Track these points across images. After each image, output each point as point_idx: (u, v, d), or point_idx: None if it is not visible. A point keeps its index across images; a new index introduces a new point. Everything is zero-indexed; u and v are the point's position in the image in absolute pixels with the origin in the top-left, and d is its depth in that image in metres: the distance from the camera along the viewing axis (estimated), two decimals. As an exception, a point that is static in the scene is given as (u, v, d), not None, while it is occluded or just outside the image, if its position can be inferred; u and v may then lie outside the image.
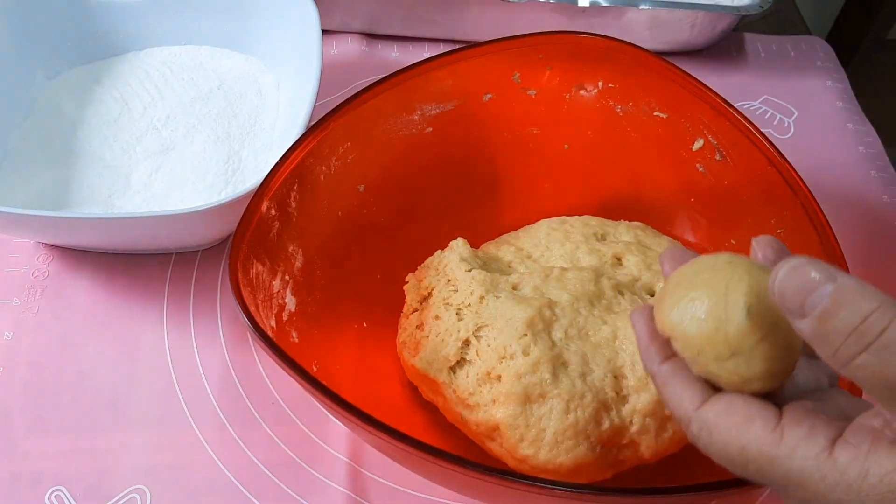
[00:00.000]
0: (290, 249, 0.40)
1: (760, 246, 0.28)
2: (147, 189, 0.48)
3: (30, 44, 0.52)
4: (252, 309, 0.34)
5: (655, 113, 0.46)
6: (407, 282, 0.43)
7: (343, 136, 0.41)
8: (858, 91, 0.62)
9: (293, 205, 0.39)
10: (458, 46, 0.45)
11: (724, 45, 0.62)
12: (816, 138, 0.57)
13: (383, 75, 0.42)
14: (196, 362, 0.45)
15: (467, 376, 0.38)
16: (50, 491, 0.40)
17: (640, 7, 0.56)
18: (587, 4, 0.57)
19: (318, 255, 0.41)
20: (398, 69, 0.43)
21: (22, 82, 0.52)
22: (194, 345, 0.45)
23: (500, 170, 0.48)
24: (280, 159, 0.39)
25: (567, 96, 0.47)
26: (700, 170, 0.45)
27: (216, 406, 0.43)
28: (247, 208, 0.37)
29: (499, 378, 0.37)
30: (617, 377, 0.37)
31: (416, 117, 0.45)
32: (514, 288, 0.40)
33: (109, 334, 0.45)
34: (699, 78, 0.44)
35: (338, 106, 0.41)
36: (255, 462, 0.41)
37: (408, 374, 0.41)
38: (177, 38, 0.55)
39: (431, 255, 0.43)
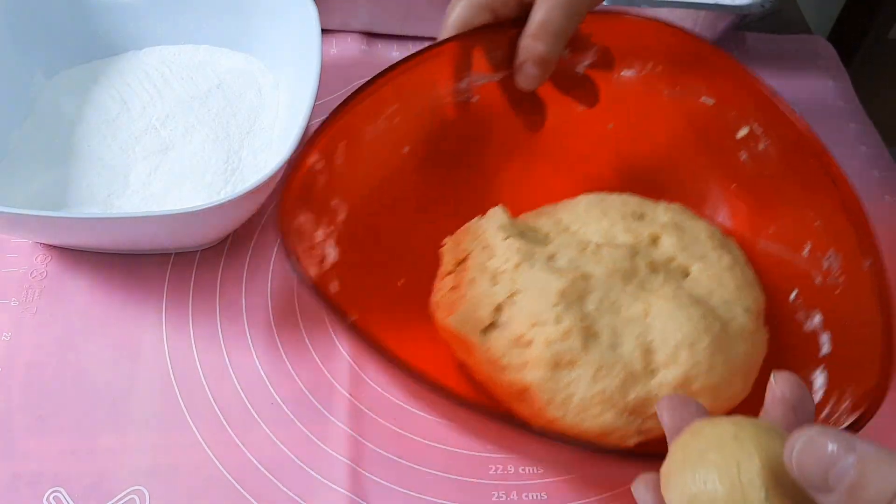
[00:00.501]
0: (333, 203, 0.41)
1: (779, 383, 0.28)
2: (146, 188, 0.48)
3: (29, 43, 0.52)
4: (294, 257, 0.37)
5: (702, 99, 0.47)
6: (444, 244, 0.45)
7: (392, 97, 0.43)
8: (860, 90, 0.62)
9: (340, 160, 0.41)
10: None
11: (725, 45, 0.62)
12: (818, 138, 0.57)
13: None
14: (195, 363, 0.44)
15: (499, 339, 0.40)
16: (49, 492, 0.40)
17: (641, 7, 0.56)
18: (587, 4, 0.57)
19: (360, 211, 0.43)
20: (449, 37, 0.43)
21: (21, 82, 0.51)
22: (193, 345, 0.45)
23: (542, 144, 0.49)
24: (330, 115, 0.41)
25: (615, 76, 0.47)
26: (743, 158, 0.46)
27: (215, 407, 0.43)
28: (297, 159, 0.39)
29: (529, 343, 0.39)
30: (646, 351, 0.39)
31: (463, 85, 0.45)
32: (550, 259, 0.42)
33: (108, 335, 0.45)
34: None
35: (390, 67, 0.42)
36: (254, 463, 0.41)
37: (441, 333, 0.42)
38: (176, 37, 0.55)
39: (469, 220, 0.45)
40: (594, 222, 0.44)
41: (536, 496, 0.41)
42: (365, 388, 0.44)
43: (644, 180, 0.49)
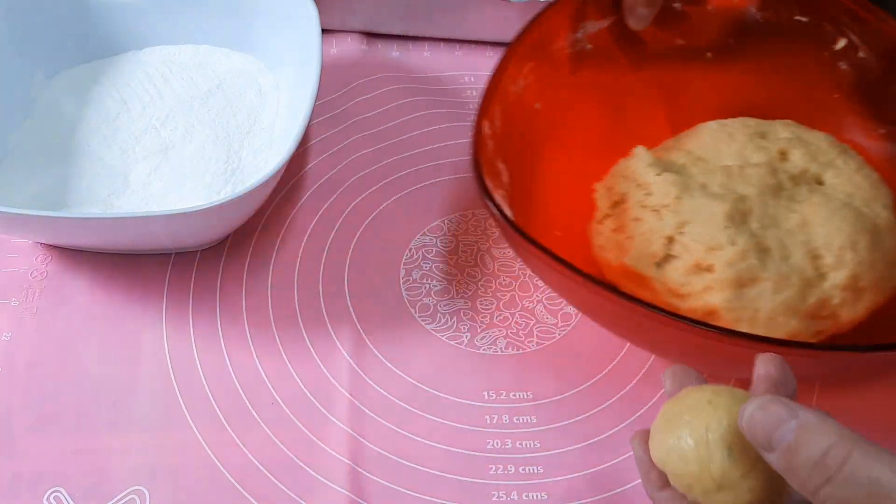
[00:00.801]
0: (498, 166, 0.43)
1: (764, 363, 0.31)
2: (146, 189, 0.48)
3: (29, 42, 0.52)
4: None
5: (795, 17, 0.50)
6: (595, 191, 0.48)
7: (527, 56, 0.46)
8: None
9: (497, 124, 0.44)
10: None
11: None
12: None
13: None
14: (195, 362, 0.44)
15: (676, 269, 0.42)
16: (49, 492, 0.40)
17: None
18: (588, 4, 0.57)
19: (516, 170, 0.45)
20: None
21: (22, 81, 0.51)
22: (193, 345, 0.45)
23: (650, 85, 0.52)
24: (490, 81, 0.44)
25: (709, 7, 0.51)
26: (843, 67, 0.50)
27: (215, 406, 0.43)
28: (474, 130, 0.42)
29: (709, 268, 0.41)
30: (814, 258, 0.41)
31: (579, 35, 0.48)
32: (704, 187, 0.44)
33: (108, 334, 0.45)
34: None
35: (525, 27, 0.46)
36: (254, 463, 0.41)
37: (607, 274, 0.45)
38: (177, 37, 0.55)
39: (603, 164, 0.48)
40: (724, 147, 0.46)
41: (536, 496, 0.41)
42: (365, 388, 0.44)
43: (750, 104, 0.51)
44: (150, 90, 0.53)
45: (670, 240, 0.42)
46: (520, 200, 0.44)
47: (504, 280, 0.49)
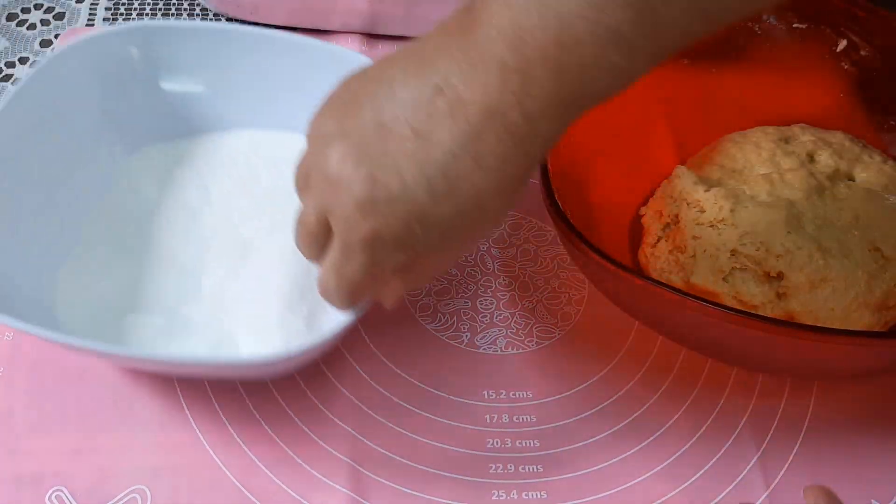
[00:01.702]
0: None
1: (811, 496, 0.33)
2: (218, 296, 0.44)
3: (111, 117, 0.48)
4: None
5: (794, 25, 0.51)
6: (643, 215, 0.48)
7: None
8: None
9: None
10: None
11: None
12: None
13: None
14: (196, 362, 0.44)
15: (745, 281, 0.42)
16: (51, 491, 0.40)
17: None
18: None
19: (566, 182, 0.45)
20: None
21: (101, 157, 0.47)
22: (195, 345, 0.45)
23: (650, 101, 0.51)
24: None
25: None
26: (846, 67, 0.51)
27: (216, 405, 0.43)
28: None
29: (779, 275, 0.42)
30: (873, 250, 0.43)
31: None
32: (753, 198, 0.45)
33: (110, 334, 0.45)
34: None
35: None
36: (255, 461, 0.41)
37: None
38: (267, 121, 0.50)
39: (639, 187, 0.49)
40: (754, 157, 0.47)
41: (536, 496, 0.41)
42: (365, 386, 0.44)
43: (759, 112, 0.52)
44: (234, 180, 0.48)
45: (734, 253, 0.43)
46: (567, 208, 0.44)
47: (504, 280, 0.49)
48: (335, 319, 0.38)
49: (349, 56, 0.47)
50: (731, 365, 0.45)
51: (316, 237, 0.33)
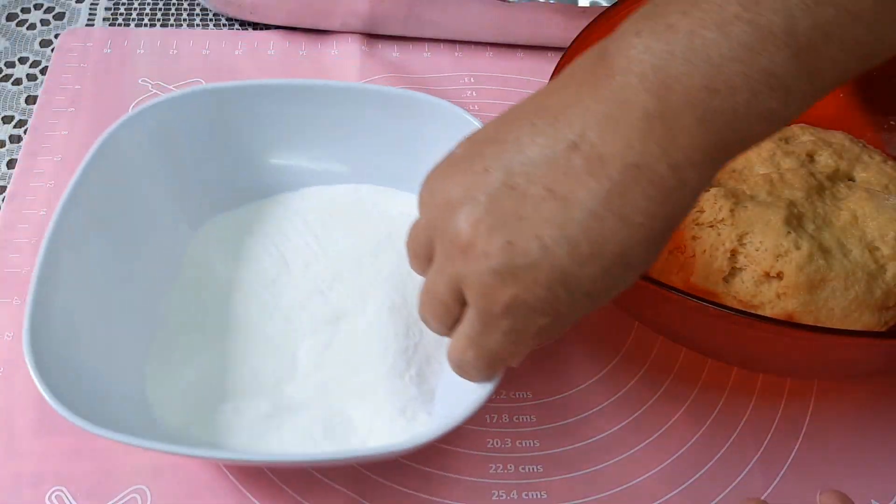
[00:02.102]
0: None
1: (826, 500, 0.33)
2: (319, 372, 0.41)
3: (175, 193, 0.45)
4: None
5: None
6: None
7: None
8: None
9: None
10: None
11: None
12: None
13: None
14: (196, 362, 0.44)
15: (745, 281, 0.42)
16: (50, 491, 0.40)
17: (641, 7, 0.57)
18: (587, 4, 0.57)
19: None
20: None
21: (168, 237, 0.44)
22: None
23: None
24: None
25: None
26: None
27: (216, 406, 0.43)
28: None
29: (779, 275, 0.42)
30: (872, 250, 0.43)
31: None
32: (752, 197, 0.44)
33: (110, 334, 0.45)
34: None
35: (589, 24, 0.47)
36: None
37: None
38: (334, 176, 0.47)
39: None
40: (754, 157, 0.47)
41: (536, 496, 0.41)
42: (365, 387, 0.44)
43: None
44: (310, 243, 0.45)
45: (734, 253, 0.43)
46: None
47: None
48: (450, 381, 0.38)
49: (411, 97, 0.45)
50: (731, 365, 0.45)
51: (448, 308, 0.31)
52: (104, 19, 0.64)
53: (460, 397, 0.37)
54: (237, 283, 0.44)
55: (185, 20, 0.64)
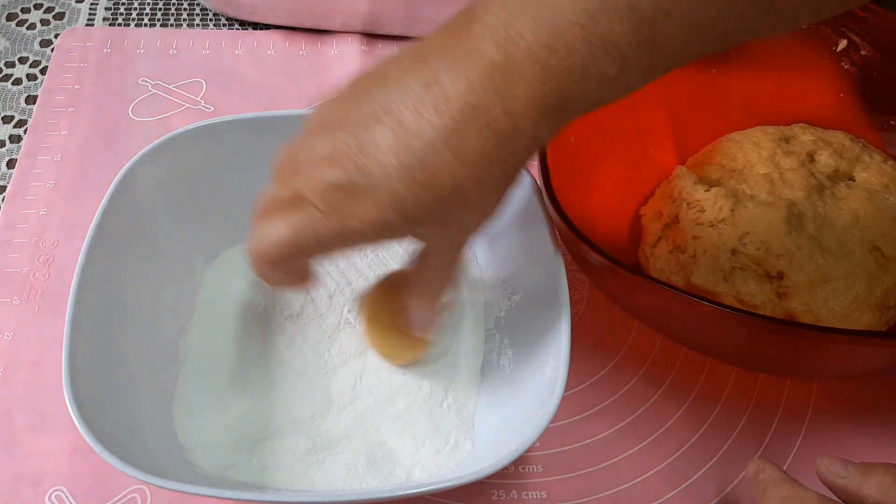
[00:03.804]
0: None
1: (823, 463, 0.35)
2: (354, 403, 0.40)
3: (188, 225, 0.44)
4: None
5: None
6: (643, 215, 0.48)
7: None
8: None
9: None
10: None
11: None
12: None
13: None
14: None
15: (745, 281, 0.43)
16: (50, 491, 0.40)
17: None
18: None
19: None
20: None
21: (185, 271, 0.43)
22: (194, 345, 0.45)
23: (653, 102, 0.51)
24: None
25: None
26: (846, 67, 0.51)
27: (216, 406, 0.43)
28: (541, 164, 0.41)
29: (780, 274, 0.42)
30: (873, 249, 0.43)
31: None
32: (753, 197, 0.45)
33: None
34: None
35: None
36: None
37: None
38: None
39: (639, 187, 0.49)
40: (754, 157, 0.47)
41: (536, 495, 0.41)
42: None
43: (760, 111, 0.52)
44: (331, 272, 0.44)
45: (734, 252, 0.43)
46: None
47: (504, 280, 0.49)
48: (486, 408, 0.39)
49: None
50: (731, 365, 0.45)
51: (282, 206, 0.32)
52: (104, 19, 0.64)
53: (499, 426, 0.37)
54: (259, 317, 0.43)
55: (185, 20, 0.64)
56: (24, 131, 0.55)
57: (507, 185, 0.31)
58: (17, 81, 0.60)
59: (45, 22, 0.64)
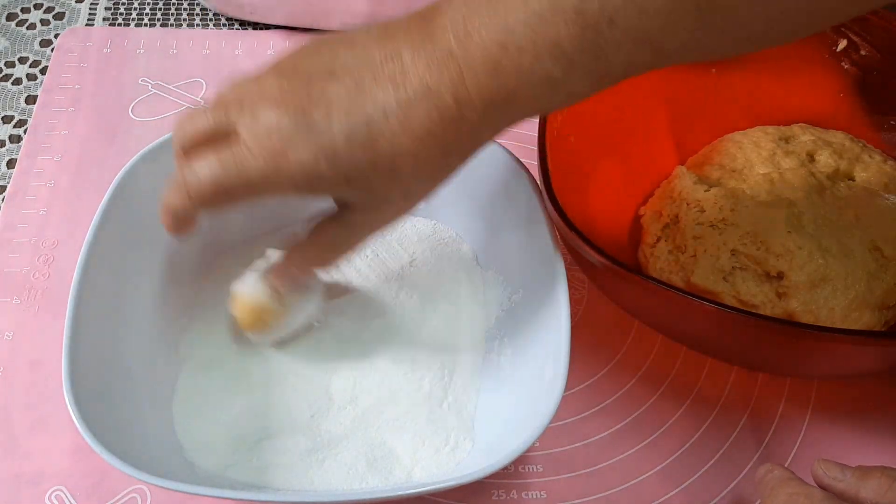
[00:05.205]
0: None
1: (820, 466, 0.35)
2: (354, 403, 0.40)
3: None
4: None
5: None
6: (642, 215, 0.48)
7: None
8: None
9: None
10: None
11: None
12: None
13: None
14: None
15: (745, 280, 0.43)
16: (50, 491, 0.40)
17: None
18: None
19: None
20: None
21: (184, 270, 0.43)
22: (194, 345, 0.45)
23: (653, 101, 0.52)
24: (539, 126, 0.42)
25: None
26: (846, 66, 0.51)
27: (216, 406, 0.43)
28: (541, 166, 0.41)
29: (780, 274, 0.42)
30: (873, 249, 0.43)
31: None
32: (753, 197, 0.45)
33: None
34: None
35: None
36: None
37: None
38: None
39: (639, 187, 0.49)
40: (754, 157, 0.47)
41: (536, 495, 0.41)
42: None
43: (759, 112, 0.52)
44: (333, 275, 0.44)
45: (734, 252, 0.43)
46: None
47: (504, 280, 0.49)
48: (486, 408, 0.39)
49: None
50: (731, 365, 0.45)
51: (212, 132, 0.32)
52: (104, 19, 0.64)
53: (499, 426, 0.37)
54: None
55: (185, 20, 0.64)
56: (24, 131, 0.55)
57: (441, 173, 0.33)
58: (17, 81, 0.60)
59: (45, 22, 0.64)
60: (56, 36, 0.62)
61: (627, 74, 0.30)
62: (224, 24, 0.64)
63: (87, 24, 0.63)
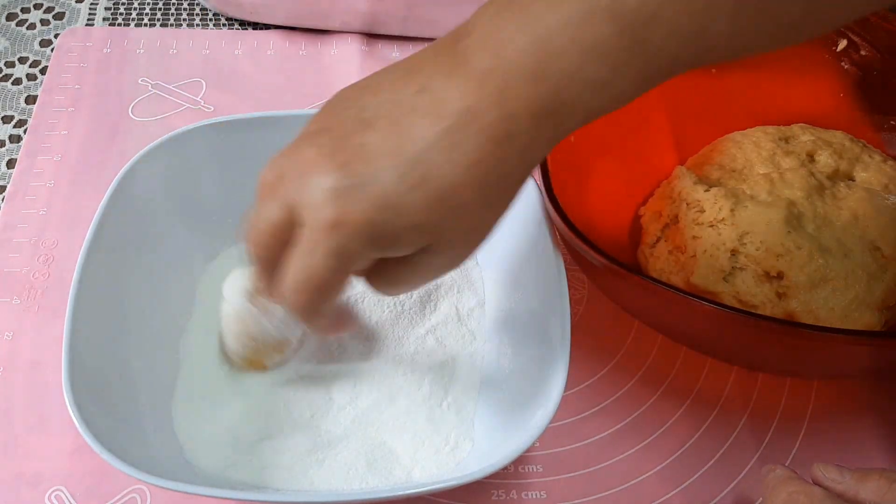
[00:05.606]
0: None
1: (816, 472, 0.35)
2: (354, 403, 0.40)
3: (190, 226, 0.44)
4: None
5: None
6: (642, 215, 0.48)
7: None
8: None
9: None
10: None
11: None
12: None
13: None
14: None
15: (745, 281, 0.43)
16: (50, 491, 0.40)
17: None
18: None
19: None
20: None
21: (184, 271, 0.43)
22: (194, 345, 0.45)
23: (653, 102, 0.51)
24: None
25: None
26: (846, 67, 0.52)
27: (216, 406, 0.43)
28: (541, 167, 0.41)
29: (780, 274, 0.42)
30: (873, 249, 0.43)
31: None
32: (752, 197, 0.45)
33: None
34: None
35: None
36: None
37: None
38: None
39: (639, 187, 0.49)
40: (754, 157, 0.47)
41: (536, 495, 0.41)
42: (365, 387, 0.44)
43: (758, 112, 0.52)
44: None
45: (734, 252, 0.43)
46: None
47: (504, 280, 0.49)
48: (486, 408, 0.39)
49: None
50: (731, 365, 0.45)
51: (278, 230, 0.30)
52: (104, 19, 0.64)
53: (499, 426, 0.37)
54: None
55: (184, 20, 0.64)
56: (24, 131, 0.56)
57: (502, 200, 0.30)
58: (17, 81, 0.60)
59: (45, 22, 0.64)
60: (56, 36, 0.62)
61: (680, 71, 0.29)
62: (224, 24, 0.64)
63: (87, 24, 0.63)
